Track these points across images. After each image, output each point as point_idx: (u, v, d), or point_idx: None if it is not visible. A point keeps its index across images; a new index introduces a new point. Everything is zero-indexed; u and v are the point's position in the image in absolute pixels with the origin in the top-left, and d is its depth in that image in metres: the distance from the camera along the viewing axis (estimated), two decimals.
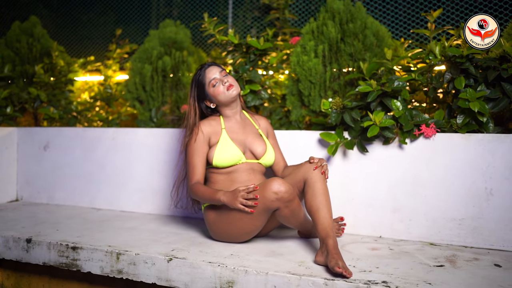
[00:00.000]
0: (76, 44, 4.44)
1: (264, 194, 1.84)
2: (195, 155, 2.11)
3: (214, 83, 2.12)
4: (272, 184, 1.84)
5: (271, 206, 1.86)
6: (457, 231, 2.11)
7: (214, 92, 2.13)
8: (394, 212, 2.23)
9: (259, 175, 2.17)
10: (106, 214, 2.77)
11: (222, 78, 2.13)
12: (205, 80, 2.14)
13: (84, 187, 3.00)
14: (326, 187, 1.93)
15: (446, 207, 2.13)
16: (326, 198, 1.90)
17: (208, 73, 2.14)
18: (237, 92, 2.13)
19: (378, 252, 1.99)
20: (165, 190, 2.77)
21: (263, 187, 1.86)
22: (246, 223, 1.95)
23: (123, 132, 2.95)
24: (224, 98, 2.13)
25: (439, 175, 2.14)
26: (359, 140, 2.29)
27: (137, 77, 3.21)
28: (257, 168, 2.16)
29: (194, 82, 2.18)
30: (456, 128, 2.15)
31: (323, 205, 1.88)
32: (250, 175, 2.12)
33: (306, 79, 2.63)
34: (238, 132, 2.18)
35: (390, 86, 2.19)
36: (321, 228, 1.84)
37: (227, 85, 2.11)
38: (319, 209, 1.88)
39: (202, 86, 2.15)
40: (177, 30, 3.37)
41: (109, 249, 1.99)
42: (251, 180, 2.11)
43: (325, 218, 1.86)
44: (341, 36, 2.62)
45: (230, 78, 2.15)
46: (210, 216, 2.09)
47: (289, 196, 1.84)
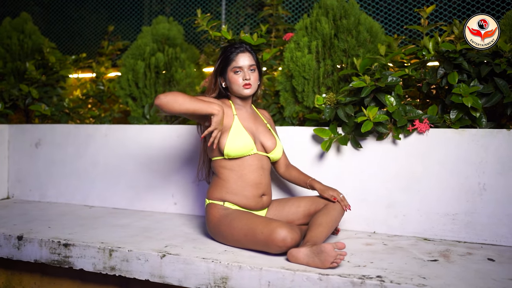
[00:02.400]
0: (68, 41, 4.40)
1: (268, 236, 1.77)
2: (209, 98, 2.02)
3: (237, 71, 2.05)
4: (278, 232, 1.76)
5: (272, 250, 1.80)
6: (451, 226, 2.11)
7: (231, 78, 2.06)
8: (388, 207, 2.23)
9: (268, 175, 2.11)
10: (99, 211, 2.75)
11: (247, 71, 2.05)
12: (231, 62, 2.05)
13: (76, 184, 2.98)
14: (338, 219, 2.01)
15: (440, 202, 2.13)
16: (332, 224, 1.95)
17: (238, 58, 2.05)
18: (250, 92, 2.06)
19: (372, 247, 1.98)
20: (158, 187, 2.76)
21: (267, 228, 1.79)
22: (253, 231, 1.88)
23: (115, 129, 2.93)
24: (236, 90, 2.07)
25: (433, 171, 2.14)
26: (353, 135, 2.29)
27: (129, 73, 3.19)
28: (266, 166, 2.10)
29: (223, 55, 2.10)
30: (450, 124, 2.15)
31: (326, 226, 1.91)
32: (261, 175, 2.06)
33: (300, 75, 2.62)
34: (249, 122, 2.11)
35: (384, 81, 2.19)
36: (313, 235, 1.84)
37: (246, 83, 2.04)
38: (321, 225, 1.90)
39: (226, 64, 2.07)
40: (170, 26, 3.35)
41: (101, 246, 1.97)
42: (261, 181, 2.06)
43: (321, 233, 1.87)
44: (335, 32, 2.62)
45: (254, 76, 2.07)
46: (214, 214, 2.02)
47: (294, 243, 1.77)
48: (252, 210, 2.07)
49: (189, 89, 3.21)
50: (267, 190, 2.11)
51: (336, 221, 2.00)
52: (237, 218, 1.95)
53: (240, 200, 2.03)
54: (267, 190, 2.11)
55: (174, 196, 2.72)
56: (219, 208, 2.04)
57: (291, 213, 2.13)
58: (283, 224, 1.80)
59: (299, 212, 2.12)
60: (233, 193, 2.03)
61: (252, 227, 1.87)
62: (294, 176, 2.21)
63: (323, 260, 1.67)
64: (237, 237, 1.92)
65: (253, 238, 1.85)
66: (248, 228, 1.88)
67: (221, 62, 2.12)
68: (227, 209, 2.02)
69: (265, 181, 2.09)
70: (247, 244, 1.90)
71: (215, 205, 2.05)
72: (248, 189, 2.04)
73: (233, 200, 2.03)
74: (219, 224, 2.01)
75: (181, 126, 2.74)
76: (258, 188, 2.06)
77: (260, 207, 2.08)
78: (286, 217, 2.13)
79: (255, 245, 1.86)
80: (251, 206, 2.05)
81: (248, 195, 2.04)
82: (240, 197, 2.03)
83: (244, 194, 2.04)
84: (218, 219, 2.02)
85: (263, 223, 1.85)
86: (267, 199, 2.11)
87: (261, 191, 2.07)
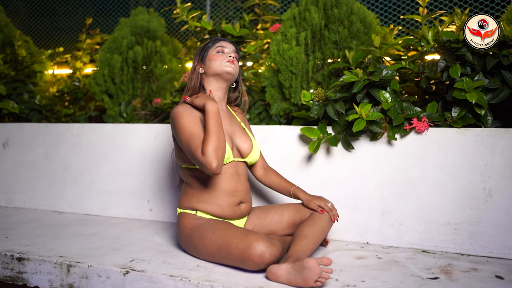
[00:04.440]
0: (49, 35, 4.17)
1: (244, 251, 1.56)
2: (195, 126, 1.71)
3: (220, 50, 1.86)
4: (255, 246, 1.54)
5: (248, 266, 1.58)
6: (453, 237, 1.89)
7: (213, 56, 1.85)
8: (382, 215, 2.01)
9: (245, 180, 1.88)
10: (68, 218, 2.52)
11: (231, 53, 1.87)
12: (215, 44, 1.89)
13: (46, 188, 2.75)
14: (326, 230, 1.79)
15: (440, 210, 1.91)
16: (319, 236, 1.74)
17: (224, 43, 1.89)
18: (232, 71, 1.83)
19: (364, 262, 1.76)
20: (134, 191, 2.53)
21: (243, 242, 1.57)
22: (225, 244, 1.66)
23: (89, 128, 2.70)
24: (217, 66, 1.83)
25: (432, 174, 1.93)
26: (344, 135, 2.07)
27: (105, 68, 2.96)
28: (242, 172, 1.87)
29: (204, 45, 1.92)
30: (451, 122, 1.94)
31: (312, 238, 1.70)
32: (236, 182, 1.83)
33: (287, 69, 2.40)
34: (225, 122, 1.87)
35: (378, 75, 1.97)
36: (296, 249, 1.62)
37: (229, 59, 1.84)
38: (306, 237, 1.69)
39: (208, 48, 1.89)
40: (150, 18, 3.12)
41: (59, 260, 1.74)
42: (237, 188, 1.83)
43: (306, 246, 1.65)
44: (325, 22, 2.39)
45: (237, 63, 1.88)
46: (186, 224, 1.80)
47: (273, 259, 1.55)
48: (228, 219, 1.84)
49: (169, 85, 2.98)
50: (246, 197, 1.88)
51: (323, 232, 1.77)
52: (210, 229, 1.72)
53: (213, 209, 1.81)
54: (246, 197, 1.88)
55: (150, 202, 2.49)
56: (191, 218, 1.81)
57: (273, 223, 1.90)
58: (261, 238, 1.58)
59: (282, 221, 1.89)
60: (205, 202, 1.81)
61: (227, 241, 1.64)
62: (275, 182, 1.98)
63: (305, 278, 1.45)
64: (210, 251, 1.70)
65: (227, 252, 1.63)
66: (222, 241, 1.66)
67: (201, 49, 1.91)
68: (200, 219, 1.80)
69: (242, 188, 1.86)
70: (222, 259, 1.67)
71: (187, 214, 1.83)
72: (222, 197, 1.81)
73: (206, 209, 1.80)
74: (191, 235, 1.78)
75: (158, 126, 2.51)
76: (234, 196, 1.83)
77: (238, 215, 1.86)
78: (268, 227, 1.90)
79: (230, 261, 1.64)
80: (227, 215, 1.83)
81: (223, 204, 1.81)
82: (213, 206, 1.81)
83: (217, 203, 1.81)
84: (190, 230, 1.79)
85: (239, 236, 1.62)
86: (246, 207, 1.88)
87: (238, 199, 1.84)
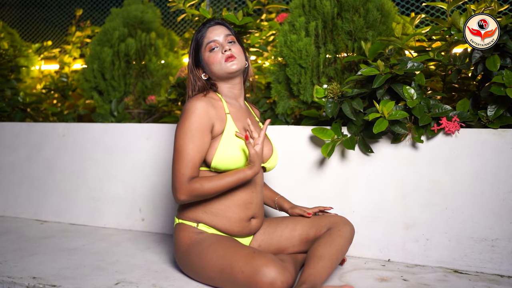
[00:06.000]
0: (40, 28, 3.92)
1: (251, 278, 1.32)
2: (191, 142, 1.47)
3: (213, 47, 1.57)
4: (265, 273, 1.30)
5: None
6: (490, 255, 1.63)
7: (209, 59, 1.57)
8: (406, 229, 1.76)
9: (261, 191, 1.63)
10: (50, 228, 2.26)
11: (224, 43, 1.58)
12: (203, 40, 1.59)
13: (27, 194, 2.49)
14: (345, 249, 1.53)
15: (474, 224, 1.66)
16: (337, 256, 1.49)
17: (210, 33, 1.59)
18: (237, 67, 1.56)
19: (388, 285, 1.51)
20: (124, 199, 2.27)
21: (250, 266, 1.33)
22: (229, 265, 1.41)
23: (75, 128, 2.45)
24: (219, 70, 1.57)
25: (464, 182, 1.68)
26: (362, 137, 1.82)
27: (95, 62, 2.71)
28: (260, 181, 1.61)
29: (193, 43, 1.63)
30: (486, 122, 1.70)
31: (330, 259, 1.45)
32: (252, 193, 1.57)
33: (295, 63, 2.14)
34: (244, 122, 1.62)
35: (402, 68, 1.71)
36: (311, 273, 1.38)
37: (227, 55, 1.55)
38: (323, 258, 1.45)
39: (198, 47, 1.61)
40: (145, 8, 2.87)
41: (31, 284, 1.49)
42: (252, 199, 1.57)
43: (322, 269, 1.41)
44: (338, 10, 2.14)
45: (236, 47, 1.59)
46: (183, 239, 1.54)
47: (285, 287, 1.31)
48: (235, 236, 1.58)
49: (165, 81, 2.73)
50: (258, 212, 1.61)
51: (342, 252, 1.52)
52: (211, 247, 1.46)
53: (220, 222, 1.55)
54: (258, 212, 1.61)
55: (142, 211, 2.24)
56: (191, 232, 1.55)
57: (283, 238, 1.65)
58: (271, 261, 1.33)
59: (294, 237, 1.64)
60: (213, 213, 1.54)
61: (230, 263, 1.39)
62: None
63: None
64: (210, 274, 1.44)
65: (230, 277, 1.37)
66: (224, 263, 1.40)
67: (193, 51, 1.63)
68: (201, 233, 1.54)
69: (257, 200, 1.60)
70: (224, 284, 1.41)
71: (186, 226, 1.57)
72: (234, 209, 1.55)
73: (212, 222, 1.54)
74: (188, 252, 1.52)
75: (151, 125, 2.26)
76: (247, 209, 1.57)
77: (246, 233, 1.60)
78: (277, 244, 1.65)
79: (234, 287, 1.38)
80: (235, 231, 1.57)
81: (233, 218, 1.55)
82: (221, 219, 1.55)
83: (227, 216, 1.55)
84: (187, 246, 1.53)
85: (245, 258, 1.37)
86: (256, 223, 1.62)
87: (250, 212, 1.58)
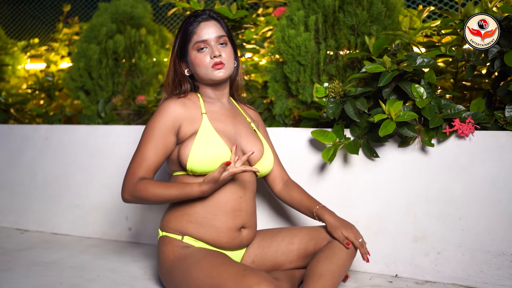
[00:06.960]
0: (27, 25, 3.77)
1: None
2: (151, 142, 1.40)
3: (201, 47, 1.45)
4: None
5: None
6: (509, 271, 1.48)
7: (195, 60, 1.45)
8: (415, 241, 1.60)
9: (251, 198, 1.48)
10: (31, 239, 2.11)
11: (215, 45, 1.45)
12: (192, 36, 1.46)
13: (7, 201, 2.36)
14: (347, 265, 1.41)
15: (491, 236, 1.51)
16: (339, 274, 1.37)
17: (201, 29, 1.46)
18: (224, 75, 1.46)
19: None
20: (110, 206, 2.12)
21: (241, 285, 1.20)
22: None
23: (59, 130, 2.32)
24: (204, 75, 1.46)
25: (480, 190, 1.54)
26: (366, 140, 1.68)
27: (81, 60, 2.56)
28: (250, 186, 1.47)
29: (181, 31, 1.50)
30: (504, 124, 1.57)
31: (331, 277, 1.33)
32: (240, 198, 1.43)
33: (294, 60, 2.00)
34: (226, 121, 1.50)
35: (411, 64, 1.56)
36: None
37: (215, 61, 1.44)
38: (323, 276, 1.33)
39: (185, 41, 1.48)
40: (134, 3, 2.73)
41: None
42: (241, 206, 1.43)
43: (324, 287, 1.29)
44: (340, 3, 2.00)
45: (227, 50, 1.47)
46: (167, 254, 1.41)
47: None
48: (224, 249, 1.43)
49: (155, 80, 2.58)
50: (250, 221, 1.47)
51: (344, 268, 1.37)
52: (198, 263, 1.31)
53: (207, 233, 1.40)
54: (250, 221, 1.47)
55: (129, 219, 2.09)
56: (176, 246, 1.41)
57: (280, 253, 1.49)
58: (264, 280, 1.18)
59: (291, 251, 1.48)
60: (198, 222, 1.40)
61: (218, 282, 1.24)
62: (296, 199, 1.56)
63: None
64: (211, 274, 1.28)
65: None
66: (211, 282, 1.25)
67: (180, 41, 1.48)
68: (187, 248, 1.39)
69: (247, 207, 1.45)
70: None
71: (171, 240, 1.42)
72: (221, 217, 1.41)
73: (198, 233, 1.40)
74: (173, 269, 1.38)
75: (140, 128, 2.13)
76: (236, 217, 1.43)
77: (237, 245, 1.44)
78: (272, 260, 1.49)
79: None
80: (223, 243, 1.42)
81: (220, 227, 1.41)
82: (207, 229, 1.40)
83: (213, 225, 1.40)
84: (172, 263, 1.39)
85: (234, 277, 1.22)
86: (248, 235, 1.47)
87: (239, 221, 1.43)
